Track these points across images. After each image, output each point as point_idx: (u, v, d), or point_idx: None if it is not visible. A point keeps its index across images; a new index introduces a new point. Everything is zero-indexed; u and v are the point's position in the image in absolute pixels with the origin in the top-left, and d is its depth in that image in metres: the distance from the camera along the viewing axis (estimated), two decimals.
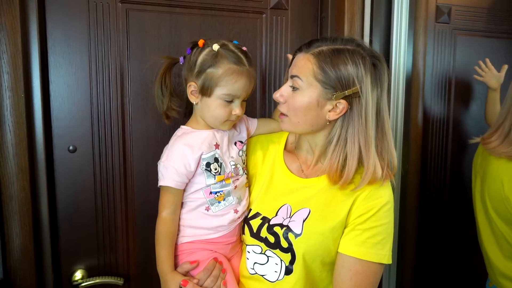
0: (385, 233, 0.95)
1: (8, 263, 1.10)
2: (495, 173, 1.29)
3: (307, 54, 0.94)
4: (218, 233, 1.03)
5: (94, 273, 1.27)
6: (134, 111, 1.25)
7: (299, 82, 0.94)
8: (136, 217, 1.29)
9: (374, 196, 0.95)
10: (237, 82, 0.96)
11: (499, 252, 1.33)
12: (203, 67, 0.97)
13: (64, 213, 1.23)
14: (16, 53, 1.05)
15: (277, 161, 1.08)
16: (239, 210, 1.04)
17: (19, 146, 1.08)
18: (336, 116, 0.94)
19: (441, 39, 1.57)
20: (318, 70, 0.92)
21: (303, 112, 0.95)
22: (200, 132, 1.02)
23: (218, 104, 0.98)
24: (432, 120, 1.61)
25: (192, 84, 0.99)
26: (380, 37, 1.35)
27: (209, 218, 1.02)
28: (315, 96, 0.93)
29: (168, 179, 0.97)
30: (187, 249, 1.02)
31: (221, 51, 0.97)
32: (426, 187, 1.60)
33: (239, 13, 1.32)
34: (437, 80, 1.59)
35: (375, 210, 0.94)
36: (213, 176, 1.00)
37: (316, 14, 1.40)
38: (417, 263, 1.50)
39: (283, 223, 0.98)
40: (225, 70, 0.95)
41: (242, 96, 0.99)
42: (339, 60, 0.91)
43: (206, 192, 1.01)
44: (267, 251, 0.99)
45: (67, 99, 1.20)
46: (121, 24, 1.21)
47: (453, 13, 1.56)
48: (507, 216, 1.26)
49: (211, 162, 0.99)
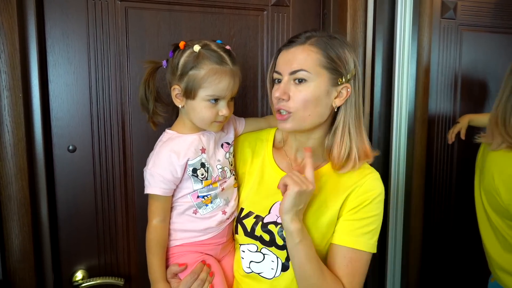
0: (375, 223, 0.98)
1: (7, 264, 1.10)
2: (488, 167, 1.31)
3: (304, 45, 0.94)
4: (207, 235, 1.03)
5: (95, 273, 1.26)
6: (133, 110, 1.24)
7: (306, 74, 0.93)
8: (137, 217, 1.28)
9: (367, 189, 0.98)
10: (221, 82, 0.95)
11: (497, 245, 1.33)
12: (185, 69, 0.95)
13: (64, 213, 1.22)
14: (14, 52, 1.05)
15: (267, 159, 1.08)
16: (227, 211, 1.04)
17: (18, 146, 1.07)
18: (342, 101, 0.96)
19: (446, 36, 1.54)
20: (323, 58, 0.93)
21: (314, 104, 0.94)
22: (186, 136, 1.01)
23: (203, 106, 0.96)
24: (437, 118, 1.58)
25: (176, 88, 0.98)
26: (384, 33, 1.32)
27: (197, 221, 1.02)
28: (324, 84, 0.94)
29: (155, 187, 0.97)
30: (177, 252, 1.02)
31: (203, 51, 0.95)
32: (431, 187, 1.58)
33: (239, 10, 1.30)
34: (443, 78, 1.56)
35: (367, 202, 0.97)
36: (200, 181, 0.99)
37: (318, 10, 1.37)
38: (423, 264, 1.48)
39: (277, 221, 0.99)
40: (207, 71, 0.94)
41: (227, 96, 0.97)
42: (337, 45, 0.94)
43: (193, 196, 1.01)
44: (263, 249, 1.00)
45: (66, 99, 1.19)
46: (120, 23, 1.20)
47: (459, 8, 1.53)
48: (499, 209, 1.27)
49: (197, 167, 0.99)
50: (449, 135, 1.57)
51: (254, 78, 1.34)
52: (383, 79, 1.33)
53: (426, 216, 1.49)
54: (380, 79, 1.32)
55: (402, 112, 1.35)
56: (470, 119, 1.56)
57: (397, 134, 1.34)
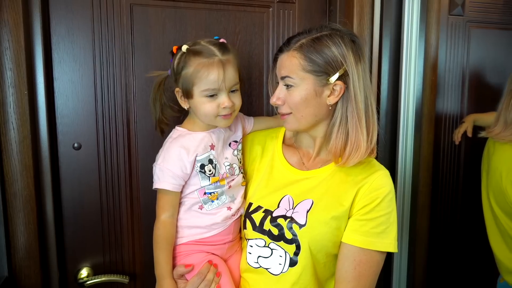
0: (388, 222, 0.97)
1: (13, 261, 1.10)
2: (496, 166, 1.30)
3: (289, 52, 0.97)
4: (213, 231, 1.03)
5: (100, 271, 1.26)
6: (139, 107, 1.24)
7: (291, 80, 0.96)
8: (142, 215, 1.28)
9: (377, 186, 0.97)
10: (210, 75, 0.94)
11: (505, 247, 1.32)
12: (178, 71, 0.97)
13: (69, 211, 1.22)
14: (19, 50, 1.04)
15: (276, 155, 1.10)
16: (233, 207, 1.04)
17: (23, 143, 1.07)
18: (336, 98, 0.97)
19: (454, 32, 1.52)
20: (305, 62, 0.95)
21: (304, 105, 0.97)
22: (196, 134, 1.01)
23: (203, 102, 0.97)
24: (444, 116, 1.56)
25: (178, 91, 1.00)
26: (391, 30, 1.31)
27: (202, 217, 1.02)
28: (311, 87, 0.96)
29: (165, 182, 0.97)
30: (183, 251, 1.02)
31: (190, 49, 0.96)
32: (438, 185, 1.56)
33: (245, 7, 1.29)
34: (450, 75, 1.55)
35: (378, 201, 0.96)
36: (207, 178, 1.00)
37: (324, 7, 1.36)
38: (429, 263, 1.47)
39: (287, 215, 1.00)
40: (194, 67, 0.94)
41: (224, 87, 0.96)
42: (322, 46, 0.95)
43: (200, 193, 1.01)
44: (271, 243, 1.00)
45: (72, 96, 1.18)
46: (125, 20, 1.20)
47: (467, 5, 1.51)
48: (507, 209, 1.25)
49: (205, 163, 0.99)
50: (455, 135, 1.55)
51: (259, 76, 1.34)
52: (390, 76, 1.32)
53: (433, 215, 1.47)
54: (387, 77, 1.31)
55: (409, 109, 1.33)
56: (475, 119, 1.55)
57: (404, 132, 1.33)
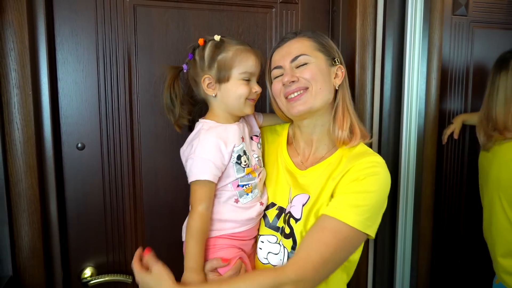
0: (365, 200, 0.93)
1: (17, 261, 1.11)
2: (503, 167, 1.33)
3: (296, 38, 1.05)
4: (245, 226, 1.03)
5: (103, 270, 1.26)
6: (142, 108, 1.24)
7: (306, 58, 1.02)
8: (145, 215, 1.29)
9: (366, 166, 0.96)
10: (249, 59, 1.01)
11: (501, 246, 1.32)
12: (213, 58, 1.00)
13: (73, 211, 1.23)
14: (24, 51, 1.05)
15: (281, 153, 1.13)
16: (264, 203, 1.07)
17: (27, 143, 1.08)
18: (340, 81, 1.05)
19: (458, 33, 1.52)
20: (315, 43, 1.04)
21: (322, 77, 1.01)
22: (227, 125, 1.03)
23: (239, 84, 1.01)
24: (448, 116, 1.56)
25: (206, 77, 1.02)
26: (394, 30, 1.30)
27: (238, 211, 1.02)
28: (323, 63, 1.03)
29: (206, 172, 0.96)
30: (214, 244, 1.01)
31: (223, 38, 1.03)
32: (441, 186, 1.56)
33: (248, 8, 1.29)
34: (454, 75, 1.54)
35: (361, 178, 0.94)
36: (242, 169, 1.01)
37: (327, 7, 1.36)
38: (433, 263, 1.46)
39: (286, 210, 1.02)
40: (234, 51, 1.00)
41: (256, 73, 1.04)
42: (323, 36, 1.07)
43: (234, 185, 1.02)
44: (281, 240, 1.01)
45: (75, 97, 1.19)
46: (128, 20, 1.20)
47: (470, 5, 1.50)
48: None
49: (241, 154, 1.01)
50: (443, 135, 1.56)
51: (262, 76, 1.33)
52: (393, 76, 1.31)
53: (436, 215, 1.47)
54: (390, 77, 1.31)
55: (412, 110, 1.33)
56: (463, 119, 1.56)
57: (407, 133, 1.33)
